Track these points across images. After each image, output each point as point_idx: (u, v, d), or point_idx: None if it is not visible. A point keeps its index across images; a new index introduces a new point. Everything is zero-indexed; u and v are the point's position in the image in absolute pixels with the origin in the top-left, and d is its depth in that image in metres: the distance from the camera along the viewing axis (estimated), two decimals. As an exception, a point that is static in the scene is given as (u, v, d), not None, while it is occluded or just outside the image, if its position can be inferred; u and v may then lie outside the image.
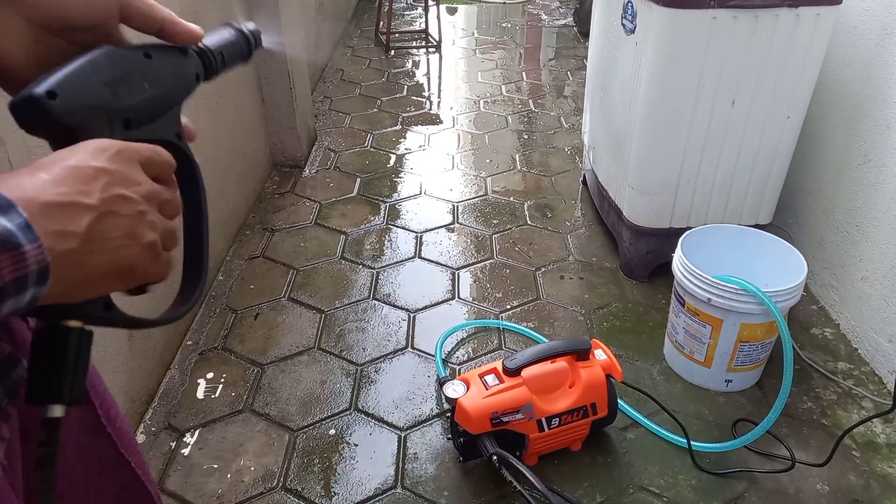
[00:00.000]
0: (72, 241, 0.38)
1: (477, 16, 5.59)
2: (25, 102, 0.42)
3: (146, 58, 0.49)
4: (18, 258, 0.34)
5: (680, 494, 1.51)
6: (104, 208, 0.40)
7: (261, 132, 2.79)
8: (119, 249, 0.41)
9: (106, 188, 0.40)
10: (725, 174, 2.01)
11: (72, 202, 0.38)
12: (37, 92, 0.41)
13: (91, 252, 0.39)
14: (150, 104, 0.49)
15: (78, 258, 0.38)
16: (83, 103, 0.43)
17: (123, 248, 0.41)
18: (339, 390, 1.80)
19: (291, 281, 2.23)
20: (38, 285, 0.36)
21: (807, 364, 1.87)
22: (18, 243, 0.34)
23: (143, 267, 0.43)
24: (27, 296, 0.36)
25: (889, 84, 1.78)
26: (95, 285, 0.41)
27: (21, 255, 0.34)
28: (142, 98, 0.48)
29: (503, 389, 1.46)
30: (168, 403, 1.75)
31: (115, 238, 0.41)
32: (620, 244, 2.28)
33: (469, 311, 2.10)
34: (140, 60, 0.48)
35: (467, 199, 2.74)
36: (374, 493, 1.52)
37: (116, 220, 0.41)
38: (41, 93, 0.41)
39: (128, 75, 0.46)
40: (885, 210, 1.80)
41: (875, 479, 1.54)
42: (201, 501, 1.50)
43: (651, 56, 1.83)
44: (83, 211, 0.39)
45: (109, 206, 0.40)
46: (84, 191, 0.39)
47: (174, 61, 0.52)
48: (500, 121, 3.49)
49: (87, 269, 0.39)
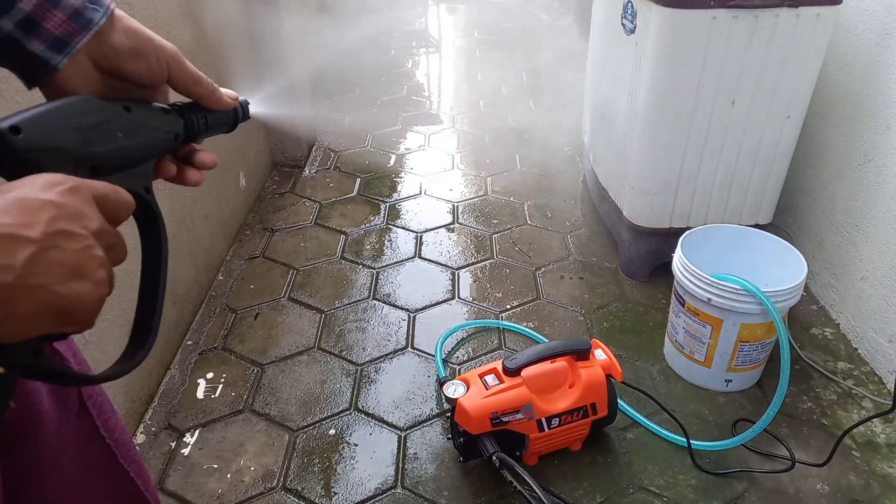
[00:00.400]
0: (6, 275, 0.36)
1: (477, 16, 5.59)
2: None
3: (126, 110, 0.50)
4: None
5: (680, 494, 1.51)
6: (47, 242, 0.38)
7: (261, 132, 2.79)
8: (60, 287, 0.38)
9: (51, 222, 0.38)
10: (725, 174, 2.01)
11: (10, 234, 0.36)
12: (1, 126, 0.41)
13: (27, 288, 0.37)
14: (122, 154, 0.49)
15: (12, 293, 0.36)
16: (48, 143, 0.43)
17: (65, 286, 0.39)
18: (339, 390, 1.80)
19: (291, 281, 2.23)
20: None
21: (807, 364, 1.87)
22: None
23: (83, 309, 0.41)
24: None
25: (889, 84, 1.78)
26: (28, 325, 0.38)
27: None
28: (113, 147, 0.48)
29: (503, 389, 1.46)
30: (168, 403, 1.75)
31: (58, 274, 0.38)
32: (620, 244, 2.28)
33: (469, 310, 2.10)
34: (118, 112, 0.49)
35: (467, 199, 2.74)
36: (374, 493, 1.52)
37: (58, 256, 0.38)
38: (5, 127, 0.41)
39: (103, 124, 0.47)
40: (885, 210, 1.80)
41: (875, 479, 1.54)
42: (201, 501, 1.49)
43: (651, 56, 1.83)
44: (22, 244, 0.37)
45: (53, 240, 0.38)
46: (26, 223, 0.37)
47: (154, 117, 0.53)
48: (500, 121, 3.49)
49: (21, 306, 0.37)
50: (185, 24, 1.95)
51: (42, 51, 0.48)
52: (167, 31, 1.82)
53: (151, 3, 1.73)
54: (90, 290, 0.40)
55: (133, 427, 1.66)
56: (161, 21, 1.79)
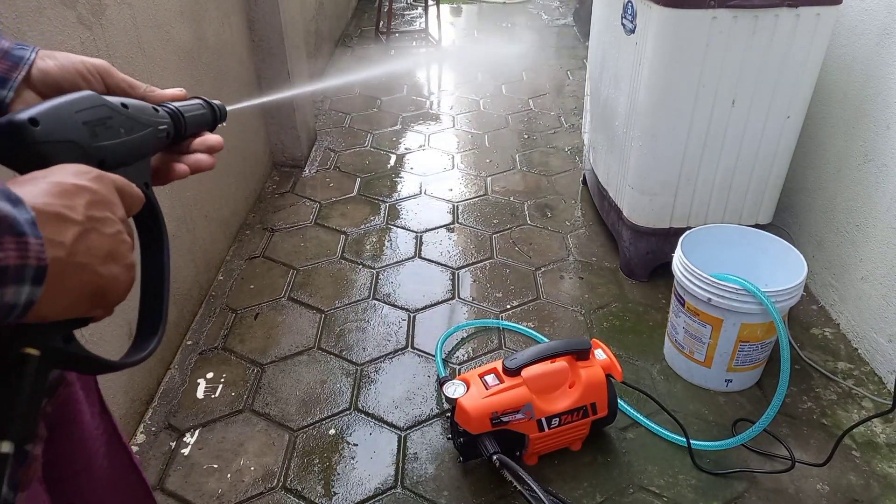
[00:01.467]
0: (59, 251, 0.37)
1: (477, 16, 5.59)
2: (5, 128, 0.42)
3: (124, 107, 0.52)
4: (22, 246, 0.34)
5: (680, 494, 1.51)
6: (88, 225, 0.40)
7: (261, 132, 2.79)
8: (100, 267, 0.41)
9: (89, 206, 0.40)
10: (725, 174, 2.01)
11: (58, 213, 0.38)
12: (19, 118, 0.42)
13: (75, 266, 0.39)
14: (124, 149, 0.51)
15: (62, 270, 0.38)
16: (62, 136, 0.44)
17: (104, 267, 0.41)
18: (339, 390, 1.80)
19: (291, 281, 2.23)
20: (34, 285, 0.36)
21: (807, 364, 1.87)
22: (24, 232, 0.35)
23: (117, 292, 0.43)
24: (24, 293, 0.35)
25: (889, 84, 1.78)
26: (70, 304, 0.40)
27: (24, 245, 0.35)
28: (117, 142, 0.50)
29: (503, 389, 1.46)
30: (168, 403, 1.75)
31: (98, 256, 0.40)
32: (620, 244, 2.28)
33: (469, 310, 2.10)
34: (118, 109, 0.51)
35: (467, 199, 2.74)
36: (374, 493, 1.52)
37: (99, 239, 0.41)
38: (23, 119, 0.42)
39: (106, 119, 0.49)
40: (885, 210, 1.80)
41: (875, 479, 1.54)
42: (201, 501, 1.49)
43: (651, 56, 1.83)
44: (69, 224, 0.39)
45: (92, 223, 0.40)
46: (69, 205, 0.39)
47: (148, 115, 0.55)
48: (500, 121, 3.49)
49: (68, 284, 0.39)
50: (185, 25, 1.95)
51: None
52: (167, 31, 1.82)
53: (152, 3, 1.73)
54: (123, 272, 0.43)
55: (133, 427, 1.66)
56: (161, 21, 1.79)
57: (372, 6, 5.29)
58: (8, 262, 0.34)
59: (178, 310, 1.93)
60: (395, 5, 5.04)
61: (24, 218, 0.35)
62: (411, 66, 4.18)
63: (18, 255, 0.34)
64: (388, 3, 4.51)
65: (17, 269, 0.34)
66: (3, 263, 0.33)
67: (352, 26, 5.16)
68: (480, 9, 5.76)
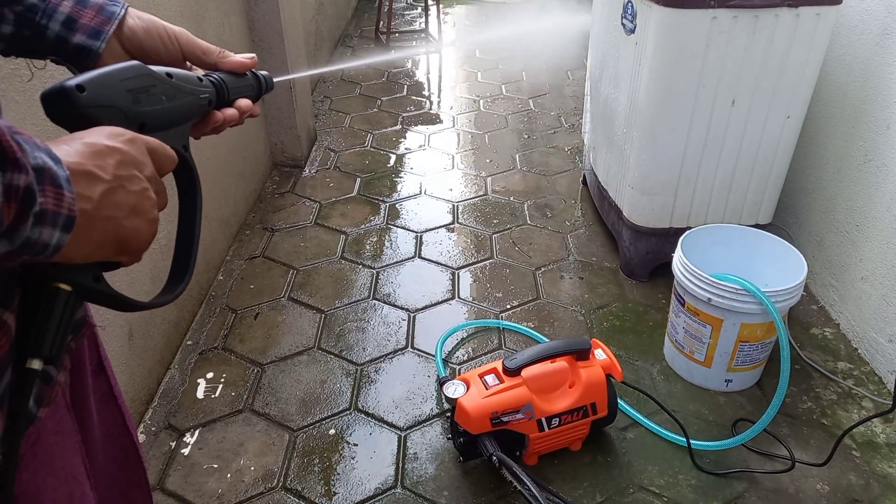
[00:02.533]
0: (87, 204, 0.43)
1: (477, 16, 5.59)
2: (56, 92, 0.48)
3: (168, 77, 0.56)
4: (59, 196, 0.40)
5: (680, 494, 1.51)
6: (115, 183, 0.45)
7: (261, 132, 2.79)
8: (123, 219, 0.46)
9: (118, 166, 0.46)
10: (725, 174, 2.01)
11: (88, 171, 0.44)
12: (68, 84, 0.48)
13: (100, 218, 0.44)
14: (165, 115, 0.56)
15: (90, 221, 0.43)
16: (106, 101, 0.50)
17: (128, 219, 0.47)
18: (339, 390, 1.80)
19: (291, 281, 2.23)
20: (63, 231, 0.41)
21: (807, 364, 1.87)
22: (61, 185, 0.40)
23: (139, 241, 0.49)
24: (55, 238, 0.41)
25: (889, 84, 1.78)
26: (96, 250, 0.46)
27: (61, 196, 0.40)
28: (158, 108, 0.55)
29: (503, 389, 1.46)
30: (168, 403, 1.75)
31: (123, 210, 0.46)
32: (620, 244, 2.28)
33: (469, 310, 2.10)
34: (162, 78, 0.56)
35: (467, 199, 2.74)
36: (374, 493, 1.52)
37: (124, 195, 0.46)
38: (72, 85, 0.48)
39: (149, 87, 0.54)
40: (885, 210, 1.80)
41: (875, 478, 1.54)
42: (201, 501, 1.49)
43: (651, 56, 1.83)
44: (97, 181, 0.44)
45: (119, 181, 0.46)
46: (99, 164, 0.45)
47: (191, 85, 0.60)
48: (500, 121, 3.49)
49: (93, 234, 0.44)
50: (186, 25, 1.95)
51: (84, 41, 0.59)
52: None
53: (152, 3, 1.73)
54: (145, 226, 0.49)
55: (133, 427, 1.66)
56: (161, 21, 1.78)
57: (372, 6, 5.29)
58: (47, 207, 0.39)
59: (178, 310, 1.93)
60: (395, 5, 5.04)
61: (62, 175, 0.41)
62: (411, 55, 4.19)
63: (55, 203, 0.40)
64: (388, 3, 4.51)
65: (53, 214, 0.40)
66: (43, 207, 0.39)
67: (352, 26, 5.16)
68: (480, 9, 5.76)
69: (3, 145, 0.36)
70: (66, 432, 0.57)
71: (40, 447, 0.53)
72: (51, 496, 0.55)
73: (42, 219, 0.39)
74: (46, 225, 0.40)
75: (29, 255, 0.40)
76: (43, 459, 0.54)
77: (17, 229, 0.38)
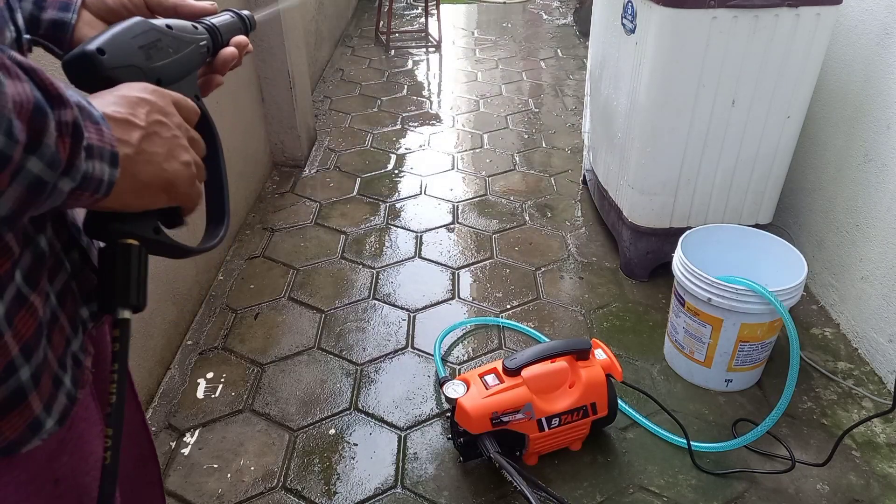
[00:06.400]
0: (127, 149, 0.46)
1: (477, 16, 5.59)
2: (79, 58, 0.49)
3: (168, 28, 0.57)
4: (100, 130, 0.43)
5: (680, 494, 1.51)
6: (149, 129, 0.48)
7: (261, 132, 2.79)
8: (163, 163, 0.49)
9: (149, 114, 0.49)
10: (725, 174, 2.01)
11: (124, 118, 0.47)
12: (89, 48, 0.49)
13: (142, 162, 0.47)
14: (175, 67, 0.57)
15: (132, 166, 0.46)
16: (126, 61, 0.51)
17: (166, 163, 0.50)
18: (339, 390, 1.80)
19: (291, 281, 2.23)
20: (112, 166, 0.44)
21: (807, 364, 1.87)
22: (99, 121, 0.43)
23: (183, 183, 0.51)
24: (106, 172, 0.43)
25: (889, 84, 1.78)
26: (148, 194, 0.49)
27: (101, 131, 0.43)
28: (169, 61, 0.56)
29: (503, 389, 1.46)
30: (168, 403, 1.75)
31: (160, 154, 0.49)
32: (620, 244, 2.28)
33: (469, 310, 2.10)
34: (165, 31, 0.57)
35: (467, 199, 2.74)
36: (374, 493, 1.52)
37: (159, 141, 0.49)
38: (93, 49, 0.49)
39: (157, 42, 0.55)
40: (886, 210, 1.80)
41: (875, 478, 1.54)
42: (201, 501, 1.49)
43: (651, 56, 1.83)
44: (133, 127, 0.47)
45: (153, 127, 0.49)
46: (133, 113, 0.47)
47: (189, 33, 0.61)
48: (500, 121, 3.49)
49: (139, 178, 0.47)
50: None
51: (55, 15, 0.60)
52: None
53: None
54: (183, 168, 0.51)
55: (133, 427, 1.66)
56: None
57: (372, 6, 5.29)
58: (92, 141, 0.41)
59: (178, 309, 1.93)
60: (395, 5, 5.04)
61: (97, 113, 0.43)
62: None
63: (98, 137, 0.42)
64: (389, 3, 4.51)
65: (99, 148, 0.42)
66: (89, 142, 0.41)
67: (352, 26, 5.16)
68: (480, 9, 5.76)
69: (45, 83, 0.38)
70: (93, 419, 0.58)
71: (73, 432, 0.54)
72: (84, 481, 0.56)
73: (91, 152, 0.41)
74: (96, 158, 0.42)
75: (89, 191, 0.42)
76: (77, 445, 0.55)
77: (74, 164, 0.40)
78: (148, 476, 0.76)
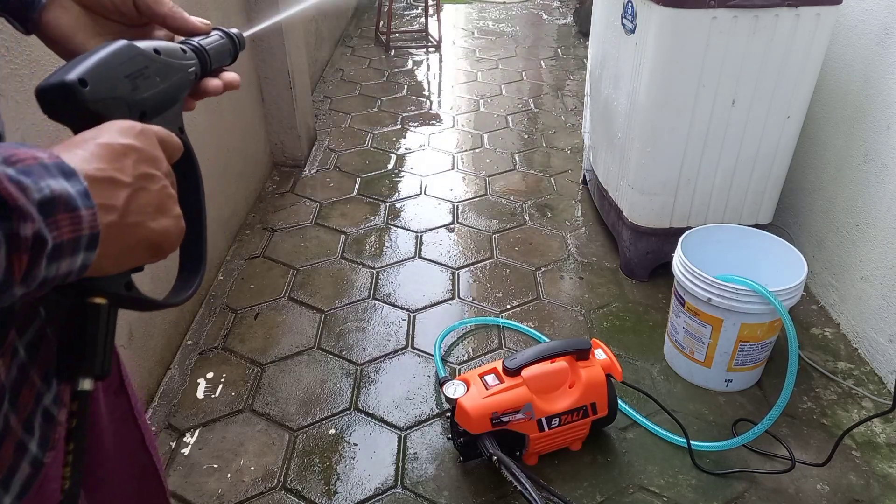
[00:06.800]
0: (112, 215, 0.40)
1: (477, 16, 5.59)
2: (57, 89, 0.43)
3: (156, 53, 0.51)
4: (75, 220, 0.36)
5: (680, 494, 1.51)
6: (136, 185, 0.42)
7: (261, 132, 2.79)
8: (150, 222, 0.43)
9: (137, 165, 0.42)
10: (725, 174, 2.01)
11: (110, 178, 0.40)
12: (69, 79, 0.43)
13: (128, 225, 0.41)
14: (162, 97, 0.51)
15: (117, 232, 0.40)
16: (110, 93, 0.46)
17: (154, 220, 0.43)
18: (339, 390, 1.80)
19: (291, 281, 2.23)
20: (88, 251, 0.38)
21: (807, 364, 1.87)
22: (77, 206, 0.37)
23: (170, 240, 0.46)
24: (79, 260, 0.38)
25: (889, 84, 1.78)
26: (128, 258, 0.43)
27: (78, 218, 0.37)
28: (155, 91, 0.50)
29: (503, 389, 1.46)
30: (168, 403, 1.75)
31: (148, 213, 0.43)
32: (620, 244, 2.28)
33: (469, 310, 2.10)
34: (153, 57, 0.51)
35: (467, 199, 2.74)
36: (374, 493, 1.52)
37: (146, 196, 0.43)
38: (73, 80, 0.43)
39: (143, 69, 0.49)
40: (886, 210, 1.80)
41: (875, 478, 1.54)
42: (201, 501, 1.49)
43: (651, 56, 1.83)
44: (119, 186, 0.41)
45: (140, 182, 0.42)
46: (118, 167, 0.41)
47: (178, 57, 0.55)
48: (500, 121, 3.49)
49: (124, 242, 0.41)
50: None
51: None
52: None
53: (151, 2, 1.73)
54: (173, 223, 0.46)
55: (133, 427, 1.66)
56: None
57: (372, 6, 5.29)
58: (62, 239, 0.36)
59: (177, 309, 1.93)
60: (395, 5, 5.04)
61: (77, 190, 0.37)
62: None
63: (72, 229, 0.36)
64: (389, 3, 4.51)
65: (71, 241, 0.37)
66: (57, 241, 0.35)
67: (352, 26, 5.16)
68: (481, 8, 5.76)
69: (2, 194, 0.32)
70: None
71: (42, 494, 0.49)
72: None
73: (58, 253, 0.36)
74: (65, 256, 0.37)
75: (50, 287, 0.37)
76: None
77: (31, 274, 0.35)
78: (149, 489, 0.74)
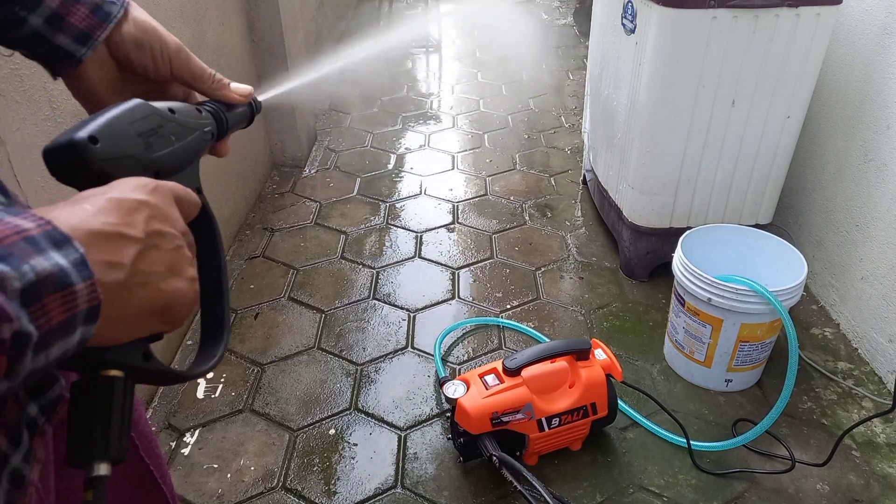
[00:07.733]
0: (119, 273, 0.36)
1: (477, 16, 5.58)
2: (66, 148, 0.41)
3: (171, 112, 0.50)
4: (69, 298, 0.33)
5: (680, 494, 1.51)
6: (148, 242, 0.39)
7: (261, 132, 2.79)
8: (160, 283, 0.40)
9: (148, 221, 0.39)
10: (725, 174, 2.01)
11: (118, 233, 0.37)
12: (79, 137, 0.41)
13: (136, 286, 0.38)
14: (176, 157, 0.50)
15: (124, 292, 0.37)
16: (122, 151, 0.44)
17: (166, 283, 0.40)
18: (339, 390, 1.80)
19: (291, 281, 2.23)
20: (87, 324, 0.35)
21: (807, 364, 1.87)
22: (70, 283, 0.33)
23: (184, 305, 0.42)
24: (76, 337, 0.34)
25: (889, 84, 1.78)
26: (138, 324, 0.39)
27: (72, 295, 0.33)
28: (169, 150, 0.49)
29: (503, 389, 1.46)
30: (168, 403, 1.75)
31: (159, 273, 0.39)
32: (620, 244, 2.28)
33: (469, 310, 2.10)
34: (168, 116, 0.50)
35: (467, 199, 2.74)
36: (374, 493, 1.52)
37: (159, 255, 0.40)
38: (83, 137, 0.41)
39: (158, 128, 0.48)
40: (886, 210, 1.80)
41: (875, 479, 1.54)
42: (201, 501, 1.50)
43: (651, 56, 1.83)
44: (129, 242, 0.38)
45: (152, 240, 0.39)
46: (128, 222, 0.38)
47: (194, 118, 0.54)
48: (500, 121, 3.49)
49: (132, 305, 0.38)
50: (185, 25, 1.95)
51: (67, 44, 0.51)
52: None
53: (151, 3, 1.73)
54: (187, 287, 0.42)
55: (133, 427, 1.66)
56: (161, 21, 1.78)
57: (372, 6, 5.29)
58: (52, 324, 0.32)
59: (178, 310, 1.92)
60: (395, 5, 5.04)
61: (71, 260, 0.33)
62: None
63: (65, 309, 0.33)
64: (389, 3, 4.51)
65: (64, 322, 0.33)
66: (46, 328, 0.32)
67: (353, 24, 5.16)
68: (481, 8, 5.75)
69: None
70: None
71: None
72: None
73: (48, 340, 0.32)
74: (56, 340, 0.33)
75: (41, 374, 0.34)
76: None
77: (15, 370, 0.31)
78: (149, 498, 0.73)
